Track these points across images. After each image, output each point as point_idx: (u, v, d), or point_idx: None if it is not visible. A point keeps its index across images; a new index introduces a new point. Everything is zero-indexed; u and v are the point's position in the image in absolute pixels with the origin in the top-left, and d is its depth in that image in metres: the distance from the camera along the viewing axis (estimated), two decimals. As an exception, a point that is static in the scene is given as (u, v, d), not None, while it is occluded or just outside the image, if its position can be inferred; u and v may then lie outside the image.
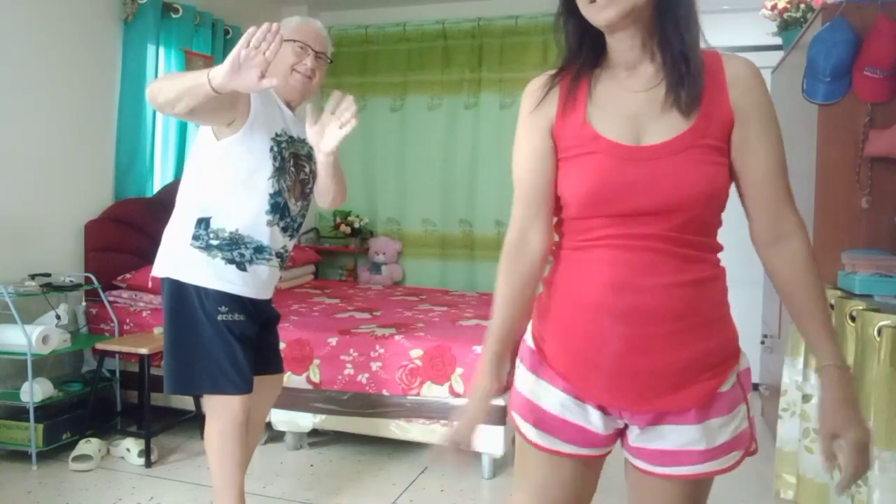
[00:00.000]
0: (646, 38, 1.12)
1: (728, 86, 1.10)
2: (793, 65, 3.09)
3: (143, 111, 3.90)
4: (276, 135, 2.14)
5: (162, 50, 4.04)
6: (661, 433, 1.12)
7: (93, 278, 3.42)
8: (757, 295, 4.04)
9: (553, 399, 1.16)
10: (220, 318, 2.08)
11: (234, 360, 2.09)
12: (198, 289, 2.07)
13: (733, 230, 4.18)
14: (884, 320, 1.77)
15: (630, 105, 1.12)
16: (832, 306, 2.25)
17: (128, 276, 3.59)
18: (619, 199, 1.08)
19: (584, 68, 1.16)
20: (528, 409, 1.19)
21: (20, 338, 2.90)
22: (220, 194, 2.08)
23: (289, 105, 2.22)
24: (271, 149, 2.11)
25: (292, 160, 2.18)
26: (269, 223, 2.12)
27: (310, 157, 2.22)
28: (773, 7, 3.28)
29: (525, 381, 1.21)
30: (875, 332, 1.77)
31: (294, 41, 2.17)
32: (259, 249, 2.12)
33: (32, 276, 3.15)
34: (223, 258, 2.08)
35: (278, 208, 2.14)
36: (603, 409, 1.15)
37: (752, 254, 1.25)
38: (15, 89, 3.26)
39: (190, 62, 4.16)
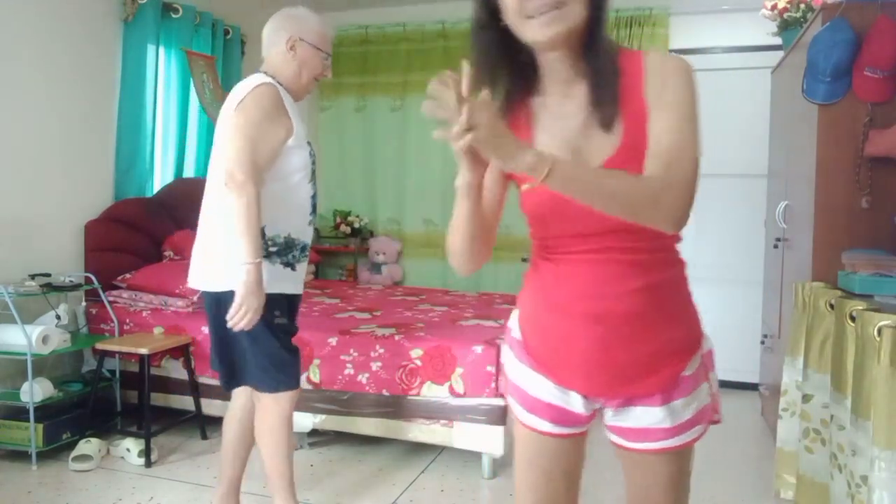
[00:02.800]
0: (577, 56, 1.13)
1: (644, 79, 1.12)
2: (793, 65, 3.09)
3: (143, 111, 3.89)
4: (306, 136, 2.26)
5: (162, 50, 4.04)
6: (632, 414, 1.25)
7: (93, 278, 3.42)
8: (757, 295, 4.04)
9: (539, 386, 1.29)
10: (277, 321, 2.18)
11: (284, 360, 2.21)
12: (269, 297, 2.09)
13: (734, 232, 4.19)
14: (884, 320, 1.77)
15: (567, 130, 1.16)
16: (832, 306, 2.25)
17: (128, 276, 3.59)
18: (567, 223, 1.17)
19: (514, 95, 1.19)
20: (519, 395, 1.32)
21: (20, 338, 2.90)
22: (273, 205, 2.13)
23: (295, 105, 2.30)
24: (310, 153, 2.27)
25: (315, 155, 2.32)
26: (310, 223, 2.28)
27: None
28: (773, 7, 3.28)
29: (515, 369, 1.33)
30: (875, 332, 1.77)
31: (320, 50, 2.27)
32: (304, 248, 2.27)
33: (32, 276, 3.15)
34: (281, 263, 2.19)
35: (315, 208, 2.31)
36: (583, 394, 1.27)
37: (752, 254, 1.28)
38: (15, 89, 3.26)
39: (192, 62, 4.16)
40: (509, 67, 1.18)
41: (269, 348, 2.18)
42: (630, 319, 1.18)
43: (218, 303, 2.17)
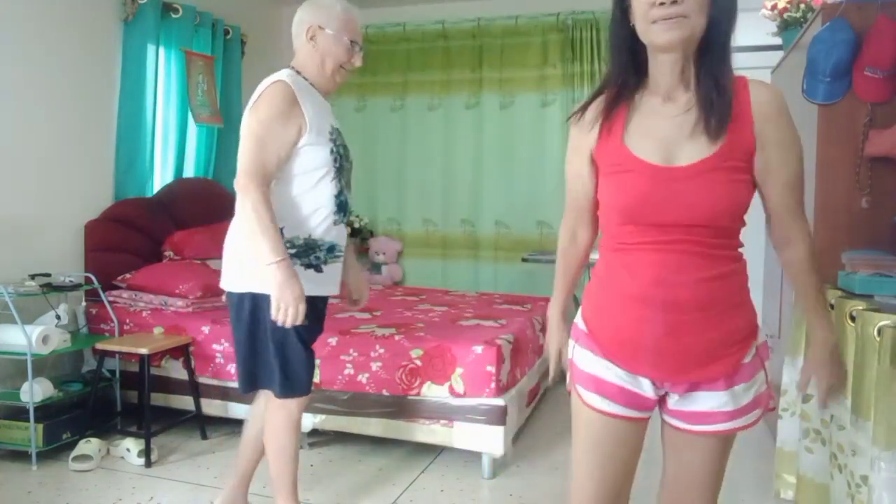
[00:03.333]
0: (686, 65, 1.27)
1: (753, 113, 1.26)
2: (793, 65, 3.09)
3: (143, 111, 3.90)
4: (329, 133, 2.16)
5: (162, 50, 4.05)
6: (696, 398, 1.35)
7: (93, 278, 3.42)
8: (757, 295, 4.02)
9: (611, 372, 1.38)
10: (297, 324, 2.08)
11: (298, 364, 2.17)
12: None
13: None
14: (884, 320, 1.77)
15: (663, 129, 1.28)
16: (832, 306, 2.25)
17: (128, 276, 3.59)
18: (651, 213, 1.28)
19: (622, 92, 1.32)
20: (591, 382, 1.40)
21: (20, 338, 2.90)
22: (289, 206, 2.12)
23: (327, 98, 2.25)
24: (331, 151, 2.15)
25: (346, 153, 2.23)
26: (336, 222, 2.19)
27: (346, 145, 2.26)
28: (773, 7, 3.28)
29: (584, 358, 1.42)
30: (875, 332, 1.76)
31: (341, 38, 2.17)
32: (331, 249, 2.19)
33: (32, 276, 3.15)
34: (302, 264, 2.12)
35: (343, 207, 2.21)
36: (651, 379, 1.37)
37: (752, 255, 1.32)
38: (15, 89, 3.26)
39: (190, 62, 4.17)
40: (628, 64, 1.31)
41: (284, 351, 2.15)
42: (697, 308, 1.28)
43: (233, 303, 2.18)
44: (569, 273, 1.58)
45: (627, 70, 1.31)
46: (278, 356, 2.15)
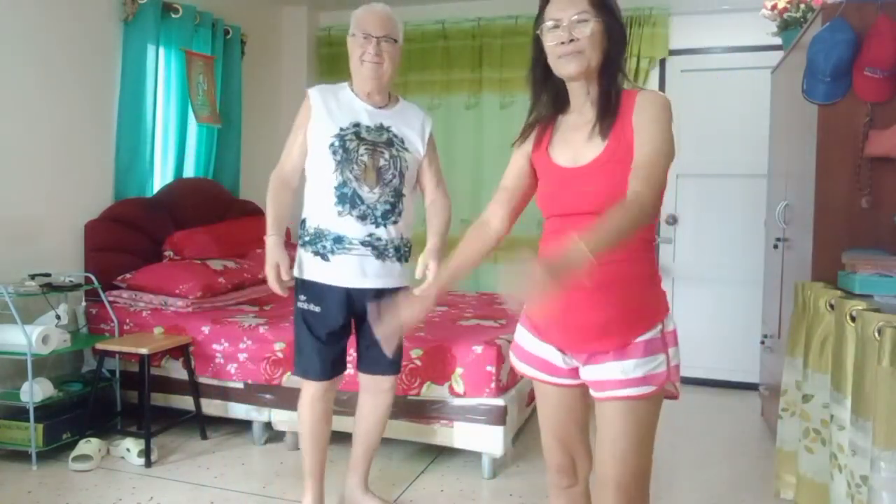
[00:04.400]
0: (590, 87, 1.56)
1: (634, 110, 1.51)
2: (793, 65, 3.09)
3: (143, 111, 3.90)
4: (342, 129, 2.32)
5: (162, 50, 4.04)
6: (594, 368, 1.57)
7: (93, 278, 3.42)
8: (757, 295, 4.04)
9: (532, 344, 1.67)
10: (299, 304, 2.39)
11: (306, 347, 2.38)
12: (300, 281, 2.39)
13: (734, 232, 4.19)
14: (884, 320, 1.77)
15: (574, 139, 1.58)
16: (832, 306, 2.25)
17: (128, 276, 3.59)
18: (562, 205, 1.57)
19: (547, 116, 1.64)
20: (518, 350, 1.71)
21: (20, 338, 2.90)
22: (308, 199, 2.40)
23: (371, 95, 2.38)
24: (331, 144, 2.31)
25: (363, 149, 2.32)
26: (340, 213, 2.31)
27: (390, 143, 2.36)
28: (773, 7, 3.28)
29: (518, 332, 1.72)
30: (875, 332, 1.76)
31: (355, 35, 2.33)
32: (338, 240, 2.32)
33: (32, 276, 3.15)
34: (312, 252, 2.35)
35: (346, 198, 2.31)
36: (561, 351, 1.62)
37: (752, 254, 1.32)
38: (15, 89, 3.26)
39: (190, 62, 4.17)
40: (549, 91, 1.63)
41: (295, 331, 2.42)
42: (595, 288, 1.41)
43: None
44: (466, 253, 1.69)
45: (548, 100, 1.63)
46: (294, 336, 2.43)
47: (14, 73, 3.25)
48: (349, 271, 2.32)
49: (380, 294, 2.30)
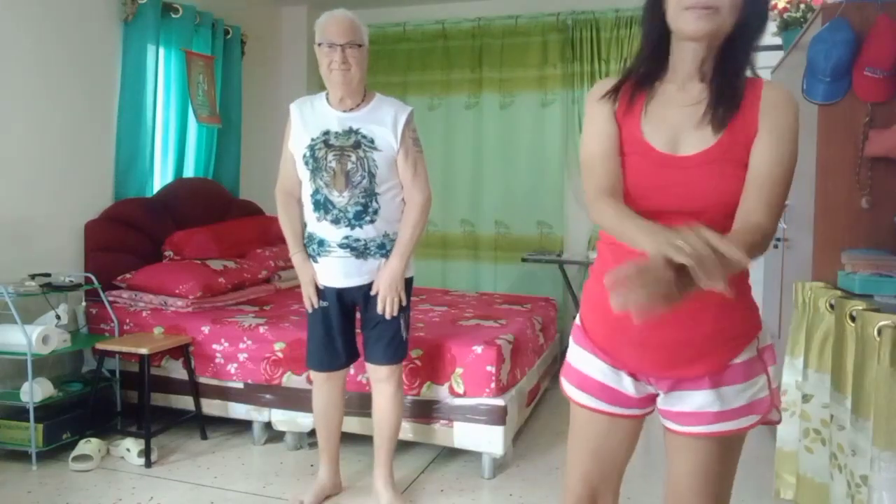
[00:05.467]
0: (706, 57, 1.28)
1: (760, 105, 1.26)
2: (793, 65, 3.09)
3: (143, 111, 3.90)
4: (312, 139, 2.43)
5: (162, 50, 4.05)
6: (681, 397, 1.33)
7: (93, 278, 3.42)
8: (757, 294, 4.02)
9: (594, 367, 1.40)
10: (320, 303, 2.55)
11: (311, 341, 2.60)
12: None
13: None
14: (884, 320, 1.77)
15: (674, 117, 1.30)
16: (832, 306, 2.25)
17: (128, 276, 3.59)
18: (649, 198, 1.28)
19: (645, 78, 1.34)
20: (575, 376, 1.44)
21: (20, 338, 2.90)
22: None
23: (343, 100, 2.44)
24: (303, 156, 2.44)
25: (331, 155, 2.42)
26: (318, 219, 2.47)
27: (358, 145, 2.41)
28: (773, 7, 3.28)
29: (573, 353, 1.46)
30: (875, 332, 1.76)
31: (321, 44, 2.40)
32: (321, 243, 2.49)
33: (32, 276, 3.15)
34: (310, 255, 2.54)
35: (320, 205, 2.45)
36: (634, 376, 1.37)
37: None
38: (15, 89, 3.26)
39: (190, 62, 4.17)
40: (655, 49, 1.33)
41: (307, 325, 2.63)
42: (685, 302, 1.15)
43: None
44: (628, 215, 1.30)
45: (653, 56, 1.33)
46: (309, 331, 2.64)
47: (14, 73, 3.25)
48: (334, 272, 2.49)
49: (369, 289, 2.51)
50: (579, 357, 1.44)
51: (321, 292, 2.53)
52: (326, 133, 2.43)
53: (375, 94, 2.53)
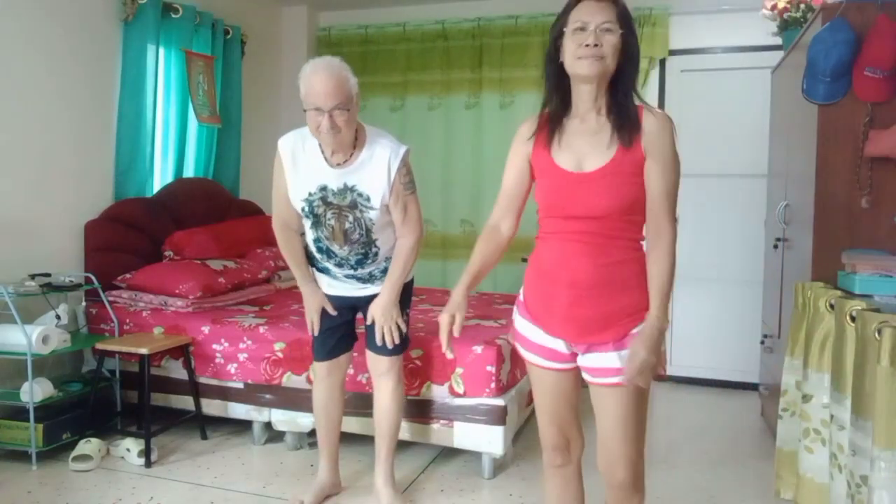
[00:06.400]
0: (598, 95, 1.67)
1: (643, 132, 1.64)
2: (793, 65, 3.09)
3: (143, 111, 3.90)
4: (310, 194, 2.42)
5: (162, 50, 4.04)
6: (593, 357, 1.74)
7: (93, 278, 3.42)
8: (757, 294, 4.04)
9: (537, 335, 1.81)
10: None
11: (315, 339, 2.69)
12: None
13: (734, 232, 4.20)
14: (884, 320, 1.77)
15: (578, 144, 1.69)
16: (832, 306, 2.26)
17: (128, 276, 3.59)
18: (563, 207, 1.70)
19: (555, 116, 1.72)
20: (524, 342, 1.84)
21: (20, 338, 2.90)
22: None
23: (335, 153, 2.38)
24: (302, 209, 2.46)
25: (329, 213, 2.43)
26: (322, 259, 2.57)
27: (354, 205, 2.40)
28: (773, 7, 3.28)
29: (520, 323, 1.86)
30: (875, 332, 1.77)
31: (307, 106, 2.28)
32: (325, 270, 2.60)
33: (32, 276, 3.15)
34: (315, 267, 2.64)
35: (323, 251, 2.53)
36: (563, 340, 1.78)
37: (752, 254, 1.31)
38: (15, 89, 3.26)
39: (190, 62, 4.17)
40: (559, 93, 1.72)
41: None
42: (593, 286, 1.68)
43: None
44: (484, 257, 1.84)
45: (556, 97, 1.72)
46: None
47: (14, 73, 3.25)
48: (339, 289, 2.62)
49: (375, 296, 2.57)
50: (525, 327, 1.83)
51: (333, 311, 2.63)
52: (324, 189, 2.40)
53: (366, 132, 2.43)
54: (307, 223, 2.50)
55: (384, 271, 2.56)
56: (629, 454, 1.74)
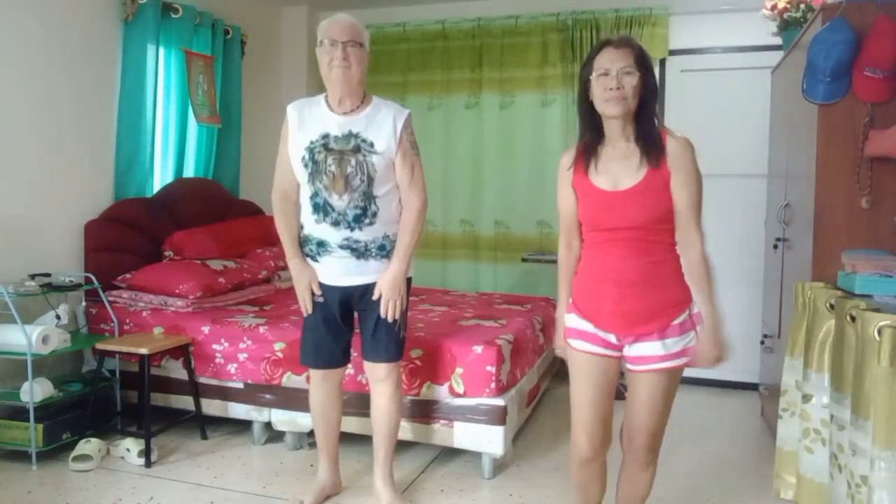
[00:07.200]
0: (626, 126, 1.93)
1: (667, 155, 1.91)
2: (793, 65, 3.09)
3: (143, 111, 3.90)
4: (311, 142, 2.44)
5: (162, 50, 4.04)
6: (639, 347, 1.96)
7: (93, 278, 3.42)
8: (757, 294, 4.04)
9: (588, 327, 2.01)
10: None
11: (306, 339, 2.63)
12: None
13: (734, 232, 4.20)
14: (884, 320, 1.77)
15: (613, 168, 1.95)
16: (832, 306, 2.26)
17: (128, 276, 3.59)
18: (606, 221, 1.95)
19: (591, 145, 1.98)
20: (577, 334, 2.03)
21: (20, 338, 2.90)
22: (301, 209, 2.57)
23: (343, 101, 2.45)
24: (302, 158, 2.45)
25: (331, 159, 2.42)
26: (317, 221, 2.48)
27: (357, 149, 2.43)
28: (773, 7, 3.28)
29: (573, 320, 2.06)
30: (875, 332, 1.77)
31: (322, 43, 2.41)
32: (321, 244, 2.50)
33: (32, 276, 3.16)
34: (307, 254, 2.56)
35: (319, 208, 2.46)
36: (612, 332, 1.98)
37: (752, 254, 1.32)
38: (15, 89, 3.26)
39: (190, 62, 4.17)
40: (592, 127, 1.98)
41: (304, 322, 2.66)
42: (637, 283, 1.92)
43: None
44: (569, 276, 2.10)
45: (591, 130, 1.98)
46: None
47: (14, 73, 3.25)
48: (334, 271, 2.52)
49: (368, 289, 2.53)
50: (577, 322, 2.03)
51: (320, 291, 2.55)
52: (326, 136, 2.43)
53: (374, 97, 2.54)
54: (304, 178, 2.46)
55: (381, 248, 2.50)
56: (652, 426, 2.00)
